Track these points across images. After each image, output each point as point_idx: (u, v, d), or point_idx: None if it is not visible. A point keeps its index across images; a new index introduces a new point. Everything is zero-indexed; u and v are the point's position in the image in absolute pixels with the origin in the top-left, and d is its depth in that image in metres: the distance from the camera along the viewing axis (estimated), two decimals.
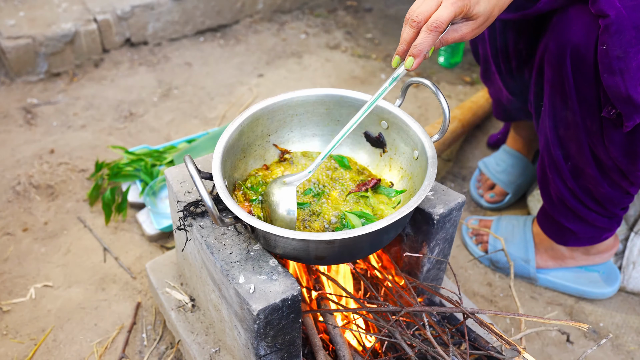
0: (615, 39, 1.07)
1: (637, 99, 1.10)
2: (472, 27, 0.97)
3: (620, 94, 1.11)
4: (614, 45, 1.08)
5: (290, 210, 1.00)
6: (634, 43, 1.06)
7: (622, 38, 1.06)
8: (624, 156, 1.23)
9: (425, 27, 0.92)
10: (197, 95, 2.36)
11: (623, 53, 1.07)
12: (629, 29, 1.06)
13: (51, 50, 2.31)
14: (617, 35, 1.07)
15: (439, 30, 0.91)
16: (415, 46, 0.93)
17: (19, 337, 1.43)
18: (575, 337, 1.51)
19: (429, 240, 1.13)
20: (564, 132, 1.31)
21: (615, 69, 1.09)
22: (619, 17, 1.05)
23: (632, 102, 1.11)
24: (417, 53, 0.93)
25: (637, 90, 1.09)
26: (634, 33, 1.06)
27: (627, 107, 1.12)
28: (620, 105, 1.13)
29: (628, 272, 1.60)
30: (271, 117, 1.15)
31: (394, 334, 1.06)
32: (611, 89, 1.12)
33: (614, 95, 1.13)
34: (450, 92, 2.45)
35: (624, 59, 1.08)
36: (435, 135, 1.08)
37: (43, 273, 1.59)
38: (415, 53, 0.93)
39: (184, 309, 1.27)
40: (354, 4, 3.10)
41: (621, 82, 1.10)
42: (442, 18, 0.91)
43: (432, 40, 0.92)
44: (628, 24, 1.05)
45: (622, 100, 1.12)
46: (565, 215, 1.44)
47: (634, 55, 1.07)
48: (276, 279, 0.95)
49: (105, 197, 1.76)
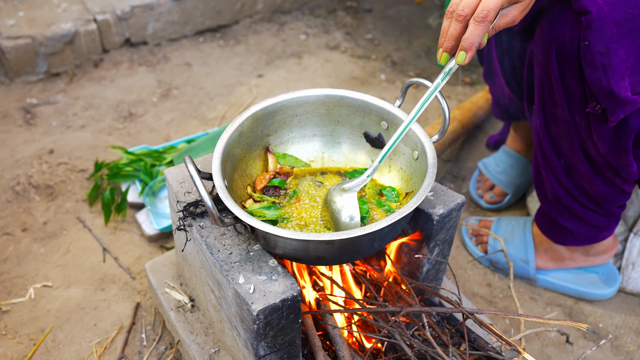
0: (597, 34, 1.08)
1: (620, 94, 1.11)
2: (521, 9, 0.97)
3: (603, 89, 1.12)
4: (595, 41, 1.09)
5: (353, 216, 1.01)
6: (616, 38, 1.08)
7: (604, 34, 1.08)
8: (613, 151, 1.23)
9: (473, 19, 0.90)
10: (197, 95, 2.36)
11: (605, 48, 1.09)
12: (610, 25, 1.07)
13: (51, 50, 2.31)
14: (598, 31, 1.08)
15: (488, 19, 0.90)
16: (465, 39, 0.91)
17: (18, 337, 1.42)
18: (575, 337, 1.51)
19: (429, 241, 1.13)
20: (554, 130, 1.32)
21: (598, 65, 1.10)
22: (600, 13, 1.07)
23: (614, 97, 1.11)
24: (469, 46, 0.91)
25: (619, 85, 1.10)
26: (615, 29, 1.07)
27: (610, 102, 1.13)
28: (604, 100, 1.14)
29: (627, 273, 1.60)
30: (271, 118, 1.15)
31: (394, 334, 1.06)
32: (594, 84, 1.13)
33: (597, 90, 1.14)
34: (449, 93, 2.45)
35: (606, 54, 1.09)
36: (435, 136, 1.08)
37: (42, 273, 1.59)
38: (467, 47, 0.91)
39: (184, 309, 1.27)
40: (354, 5, 3.10)
41: (604, 77, 1.11)
42: (490, 6, 0.89)
43: (482, 31, 0.90)
44: (609, 20, 1.07)
45: (605, 95, 1.13)
46: (561, 214, 1.44)
47: (616, 51, 1.08)
48: (276, 280, 0.95)
49: (105, 197, 1.76)
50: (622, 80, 1.10)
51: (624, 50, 1.09)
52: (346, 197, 1.02)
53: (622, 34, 1.08)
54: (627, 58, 1.09)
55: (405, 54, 2.70)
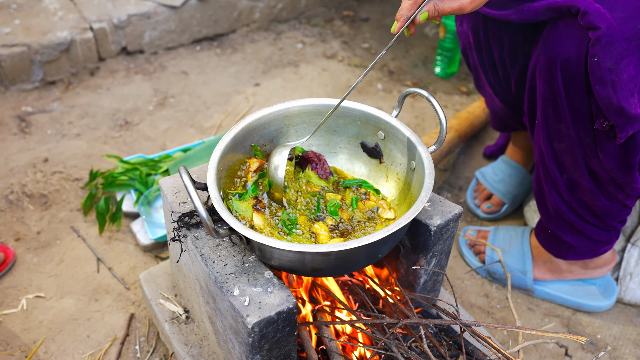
0: (606, 50, 1.07)
1: (629, 110, 1.10)
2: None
3: (612, 106, 1.11)
4: (605, 57, 1.08)
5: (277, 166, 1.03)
6: (625, 55, 1.07)
7: (613, 50, 1.07)
8: (618, 168, 1.23)
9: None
10: (193, 104, 2.35)
11: (614, 65, 1.08)
12: (620, 41, 1.06)
13: (46, 59, 2.30)
14: (608, 47, 1.07)
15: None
16: (398, 10, 0.99)
17: (10, 349, 1.40)
18: (573, 349, 1.50)
19: (426, 252, 1.12)
20: (558, 145, 1.31)
21: (607, 81, 1.10)
22: (610, 29, 1.06)
23: (624, 113, 1.11)
24: (398, 17, 0.98)
25: (628, 102, 1.10)
26: (625, 45, 1.06)
27: (619, 118, 1.12)
28: (613, 116, 1.13)
29: (625, 284, 1.60)
30: (267, 127, 1.14)
31: (391, 346, 1.05)
32: (603, 100, 1.12)
33: (606, 107, 1.13)
34: (446, 102, 2.45)
35: (615, 70, 1.08)
36: (433, 146, 1.07)
37: (35, 283, 1.57)
38: (397, 17, 0.98)
39: (178, 320, 1.25)
40: (351, 14, 3.11)
41: (613, 94, 1.10)
42: None
43: (411, 6, 0.97)
44: (619, 35, 1.06)
45: (614, 112, 1.12)
46: (562, 229, 1.44)
47: (625, 67, 1.08)
48: (271, 291, 0.93)
49: (100, 207, 1.74)
50: (632, 96, 1.10)
51: (633, 66, 1.08)
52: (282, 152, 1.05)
53: (632, 49, 1.07)
54: (637, 74, 1.08)
55: (402, 63, 2.70)
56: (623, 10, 1.08)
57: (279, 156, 1.04)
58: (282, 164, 1.03)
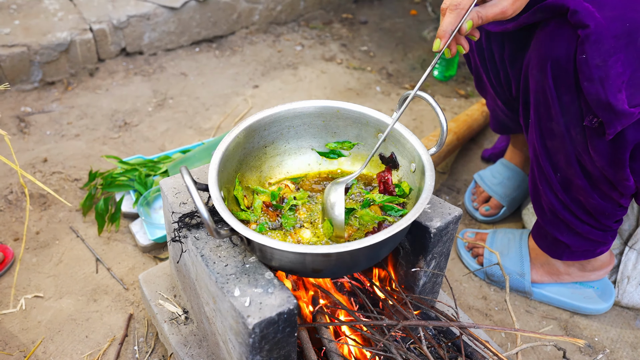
0: (595, 48, 1.09)
1: (617, 106, 1.11)
2: (511, 1, 1.00)
3: (600, 102, 1.13)
4: (593, 54, 1.10)
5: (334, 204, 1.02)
6: (613, 52, 1.09)
7: (601, 47, 1.09)
8: (609, 165, 1.24)
9: (447, 8, 0.97)
10: (192, 105, 2.36)
11: (602, 62, 1.10)
12: (608, 38, 1.08)
13: (46, 59, 2.30)
14: (596, 45, 1.09)
15: (461, 7, 0.96)
16: (439, 28, 0.98)
17: (8, 349, 1.40)
18: (571, 351, 1.50)
19: (426, 254, 1.12)
20: (550, 143, 1.32)
21: (595, 77, 1.11)
22: (599, 27, 1.08)
23: (612, 110, 1.12)
24: (442, 34, 0.98)
25: (616, 98, 1.11)
26: (613, 42, 1.08)
27: (608, 114, 1.14)
28: (601, 113, 1.14)
29: (622, 287, 1.60)
30: (268, 129, 1.14)
31: (390, 348, 1.05)
32: (592, 97, 1.14)
33: (594, 103, 1.14)
34: (445, 105, 2.46)
35: (603, 67, 1.10)
36: (433, 148, 1.08)
37: (34, 283, 1.57)
38: (440, 34, 0.98)
39: (177, 321, 1.26)
40: (350, 17, 3.11)
41: (601, 90, 1.12)
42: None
43: (454, 19, 0.96)
44: (607, 33, 1.08)
45: (602, 108, 1.13)
46: (558, 228, 1.44)
47: (613, 64, 1.09)
48: (272, 292, 0.94)
49: (99, 207, 1.74)
50: (619, 93, 1.11)
51: (621, 64, 1.09)
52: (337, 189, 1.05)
53: (619, 47, 1.09)
54: (624, 71, 1.10)
55: (401, 66, 2.71)
56: (612, 9, 1.10)
57: (335, 194, 1.02)
58: (339, 201, 1.01)
